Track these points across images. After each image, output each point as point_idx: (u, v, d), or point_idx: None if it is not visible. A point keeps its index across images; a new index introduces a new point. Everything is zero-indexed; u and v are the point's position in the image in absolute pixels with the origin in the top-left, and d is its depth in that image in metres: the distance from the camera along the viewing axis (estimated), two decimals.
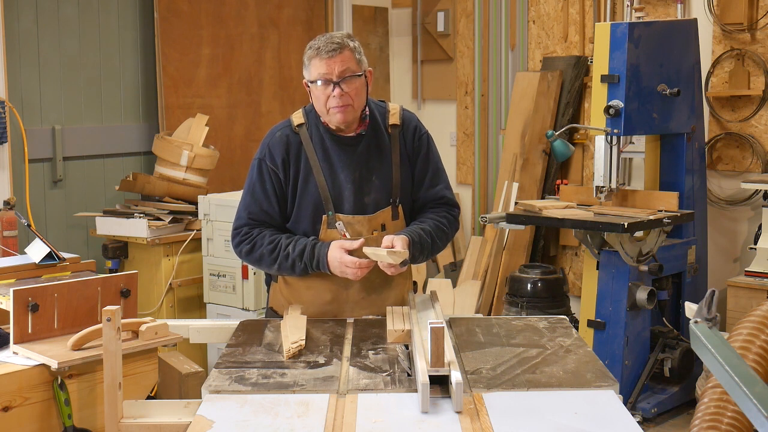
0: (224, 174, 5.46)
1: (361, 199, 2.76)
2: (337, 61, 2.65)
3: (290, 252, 2.71)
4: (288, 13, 5.98)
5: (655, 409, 4.45)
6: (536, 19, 5.90)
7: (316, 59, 2.66)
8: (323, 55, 2.65)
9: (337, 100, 2.66)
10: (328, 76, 2.65)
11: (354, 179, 2.75)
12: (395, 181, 2.80)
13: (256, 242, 2.75)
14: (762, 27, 4.97)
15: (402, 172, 2.81)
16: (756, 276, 4.64)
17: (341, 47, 2.66)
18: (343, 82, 2.65)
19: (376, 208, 2.78)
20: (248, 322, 2.75)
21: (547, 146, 5.60)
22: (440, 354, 2.09)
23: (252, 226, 2.78)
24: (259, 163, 2.80)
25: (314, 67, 2.67)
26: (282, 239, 2.74)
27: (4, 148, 4.56)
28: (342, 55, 2.65)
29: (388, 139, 2.81)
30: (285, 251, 2.72)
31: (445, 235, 2.86)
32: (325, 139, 2.77)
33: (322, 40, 2.68)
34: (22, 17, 4.74)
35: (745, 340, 2.97)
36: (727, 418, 2.85)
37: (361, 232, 2.75)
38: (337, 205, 2.75)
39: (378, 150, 2.79)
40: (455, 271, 6.05)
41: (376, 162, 2.78)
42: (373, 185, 2.77)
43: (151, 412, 2.30)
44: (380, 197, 2.79)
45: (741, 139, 5.09)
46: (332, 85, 2.65)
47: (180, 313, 4.76)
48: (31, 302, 2.56)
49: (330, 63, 2.64)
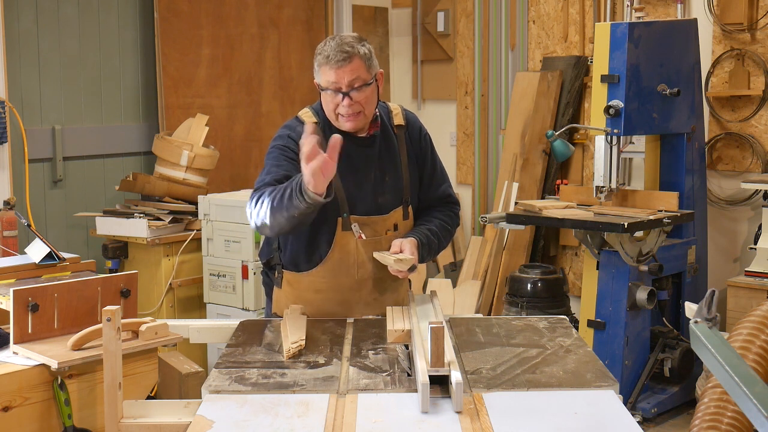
0: (224, 174, 5.46)
1: (376, 200, 2.75)
2: (347, 70, 2.60)
3: (286, 186, 2.49)
4: (288, 13, 5.98)
5: (655, 409, 4.45)
6: (536, 19, 5.90)
7: (326, 67, 2.61)
8: (332, 64, 2.59)
9: (347, 109, 2.63)
10: (338, 85, 2.61)
11: (370, 180, 2.74)
12: (405, 181, 2.79)
13: (263, 192, 2.57)
14: (762, 27, 4.97)
15: (411, 172, 2.81)
16: (756, 276, 4.65)
17: (350, 56, 2.60)
18: (352, 91, 2.62)
19: (390, 208, 2.76)
20: (248, 322, 2.75)
21: (547, 146, 5.60)
22: (440, 354, 2.09)
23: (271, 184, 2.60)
24: (285, 139, 2.67)
25: (324, 75, 2.63)
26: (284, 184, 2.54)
27: (4, 148, 4.56)
28: (351, 64, 2.60)
29: (396, 140, 2.81)
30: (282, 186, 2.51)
31: (449, 234, 2.88)
32: None
33: (332, 46, 2.61)
34: (22, 17, 4.74)
35: (745, 340, 2.97)
36: (727, 418, 2.85)
37: (376, 233, 2.74)
38: (352, 206, 2.72)
39: (388, 151, 2.79)
40: (455, 271, 6.05)
41: (388, 162, 2.77)
42: (387, 186, 2.76)
43: (151, 412, 2.30)
44: (393, 197, 2.78)
45: (741, 139, 5.09)
46: (342, 94, 2.62)
47: (180, 313, 4.76)
48: (31, 302, 2.56)
49: (339, 72, 2.59)
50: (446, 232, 2.85)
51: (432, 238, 2.77)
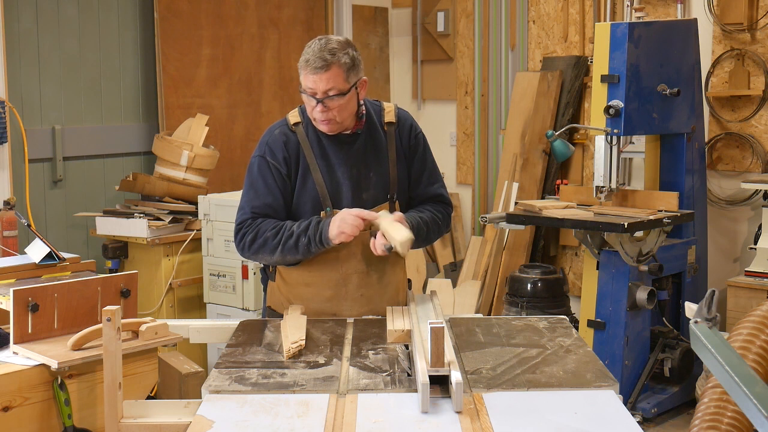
0: (224, 174, 5.46)
1: (360, 196, 2.77)
2: (323, 78, 2.61)
3: (294, 229, 2.69)
4: (288, 13, 5.98)
5: (655, 409, 4.45)
6: (536, 19, 5.91)
7: (305, 71, 2.64)
8: (310, 70, 2.61)
9: (320, 115, 2.67)
10: (313, 91, 2.64)
11: (351, 176, 2.76)
12: (392, 178, 2.82)
13: (260, 229, 2.73)
14: (762, 27, 4.97)
15: (399, 168, 2.83)
16: (756, 276, 4.65)
17: (329, 64, 2.60)
18: (326, 99, 2.64)
19: (373, 204, 2.79)
20: (248, 322, 2.75)
21: (547, 146, 5.60)
22: (440, 354, 2.09)
23: (255, 218, 2.76)
24: (260, 161, 2.78)
25: (303, 77, 2.66)
26: (287, 223, 2.74)
27: (4, 148, 4.56)
28: (329, 72, 2.61)
29: (384, 137, 2.83)
30: (289, 231, 2.70)
31: (439, 229, 2.89)
32: (322, 138, 2.77)
33: (315, 50, 2.63)
34: (22, 17, 4.74)
35: (745, 340, 2.97)
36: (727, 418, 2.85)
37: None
38: (335, 201, 2.76)
39: (374, 147, 2.81)
40: (455, 271, 6.05)
41: (372, 159, 2.80)
42: (370, 182, 2.79)
43: (151, 412, 2.30)
44: (378, 193, 2.80)
45: (741, 139, 5.09)
46: (316, 100, 2.65)
47: (180, 313, 4.76)
48: (31, 302, 2.56)
49: (315, 79, 2.62)
50: (436, 226, 2.86)
51: (422, 225, 2.79)
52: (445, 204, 2.94)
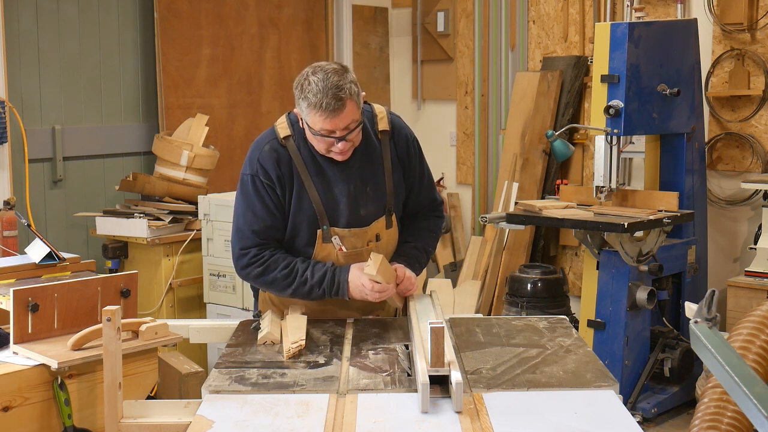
0: (224, 174, 5.46)
1: (357, 212, 2.69)
2: (341, 117, 2.48)
3: (308, 278, 2.61)
4: (288, 13, 5.98)
5: (655, 409, 4.45)
6: (536, 19, 5.91)
7: (317, 114, 2.48)
8: (327, 114, 2.47)
9: (341, 148, 2.56)
10: (330, 132, 2.52)
11: (349, 192, 2.66)
12: (389, 190, 2.73)
13: (269, 265, 2.63)
14: (762, 27, 4.97)
15: (394, 178, 2.74)
16: (756, 276, 4.65)
17: (344, 102, 2.47)
18: (349, 134, 2.54)
19: (371, 220, 2.71)
20: (248, 322, 2.75)
21: (547, 146, 5.60)
22: (440, 354, 2.09)
23: (261, 246, 2.65)
24: (252, 179, 2.66)
25: (315, 121, 2.50)
26: (298, 263, 2.63)
27: (4, 148, 4.56)
28: (345, 110, 2.48)
29: (379, 146, 2.72)
30: (302, 277, 2.61)
31: (435, 240, 2.90)
32: (315, 154, 2.64)
33: (320, 89, 2.46)
34: (22, 17, 4.74)
35: (745, 340, 2.97)
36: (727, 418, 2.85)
37: (356, 245, 2.70)
38: (332, 220, 2.66)
39: (370, 160, 2.70)
40: (455, 271, 6.05)
41: (369, 172, 2.70)
42: (368, 197, 2.69)
43: (151, 412, 2.30)
44: (376, 208, 2.72)
45: (741, 139, 5.09)
46: (336, 139, 2.54)
47: (180, 313, 4.76)
48: (31, 302, 2.56)
49: (334, 122, 2.48)
50: (433, 240, 2.88)
51: (420, 255, 2.81)
52: (437, 206, 2.90)
